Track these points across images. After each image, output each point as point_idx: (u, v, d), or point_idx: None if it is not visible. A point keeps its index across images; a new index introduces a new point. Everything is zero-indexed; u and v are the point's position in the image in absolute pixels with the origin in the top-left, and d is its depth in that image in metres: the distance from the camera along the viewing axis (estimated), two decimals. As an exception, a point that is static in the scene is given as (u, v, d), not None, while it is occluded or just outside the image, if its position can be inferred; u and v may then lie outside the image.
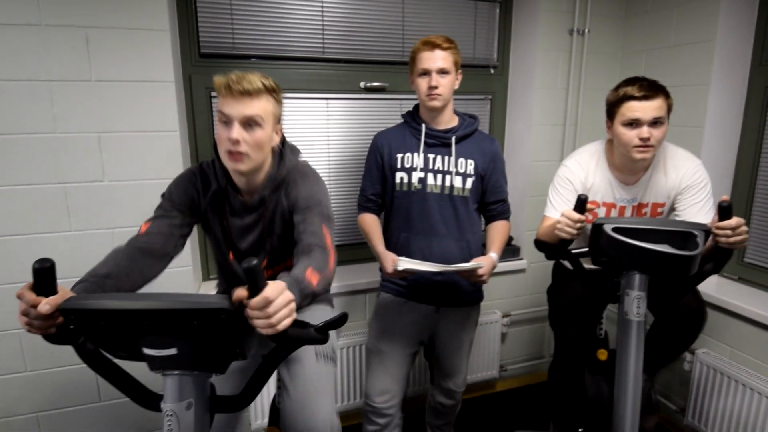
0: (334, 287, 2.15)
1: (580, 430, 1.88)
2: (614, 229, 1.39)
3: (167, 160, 1.80)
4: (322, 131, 2.22)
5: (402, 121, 1.82)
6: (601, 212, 1.77)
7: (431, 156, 1.73)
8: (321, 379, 1.36)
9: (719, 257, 1.44)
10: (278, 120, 1.32)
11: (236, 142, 1.19)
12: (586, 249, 1.58)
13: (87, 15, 1.63)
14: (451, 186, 1.73)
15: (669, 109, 1.58)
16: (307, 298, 1.04)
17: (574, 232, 1.48)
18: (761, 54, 2.02)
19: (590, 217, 1.71)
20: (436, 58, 1.63)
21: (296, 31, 2.09)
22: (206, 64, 1.98)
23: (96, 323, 0.80)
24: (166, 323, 0.80)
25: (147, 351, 0.83)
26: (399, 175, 1.74)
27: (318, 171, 1.43)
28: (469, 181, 1.74)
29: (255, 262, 0.75)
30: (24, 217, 1.69)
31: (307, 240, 1.20)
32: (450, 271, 1.61)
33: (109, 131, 1.72)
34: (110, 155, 1.74)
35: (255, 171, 1.29)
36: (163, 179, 1.76)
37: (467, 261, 1.69)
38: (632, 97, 1.55)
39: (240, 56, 2.03)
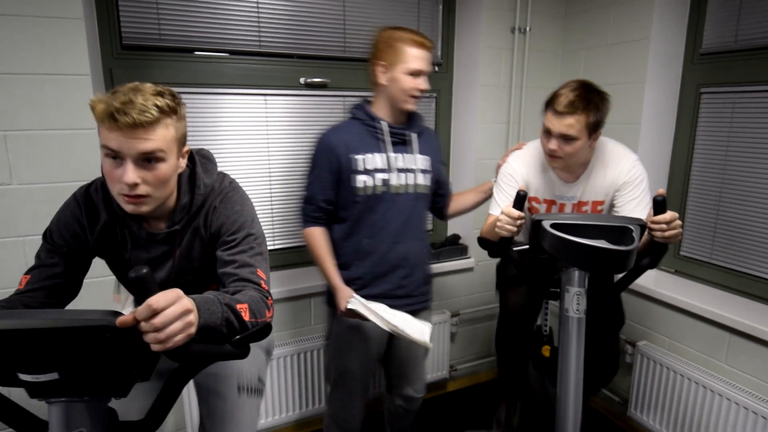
0: (276, 293, 2.05)
1: None
2: (553, 225, 1.37)
3: (86, 160, 1.65)
4: (261, 129, 2.11)
5: (350, 117, 1.67)
6: (542, 209, 1.76)
7: (392, 155, 1.63)
8: (243, 417, 1.26)
9: (655, 252, 1.45)
10: (184, 142, 1.05)
11: (133, 186, 0.94)
12: (527, 246, 1.57)
13: (-14, 0, 1.47)
14: (415, 184, 1.68)
15: (593, 125, 1.53)
16: (230, 325, 0.87)
17: (514, 229, 1.46)
18: (693, 52, 2.08)
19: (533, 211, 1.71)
20: (428, 61, 1.59)
21: (229, 22, 1.97)
22: (129, 57, 1.84)
23: None
24: (41, 344, 0.68)
25: (23, 377, 0.72)
26: (360, 178, 1.59)
27: (258, 170, 1.28)
28: (428, 177, 1.71)
29: (145, 270, 0.66)
30: None
31: (239, 287, 1.02)
32: (395, 329, 1.53)
33: (16, 129, 1.56)
34: (18, 156, 1.57)
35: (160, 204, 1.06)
36: (83, 181, 1.59)
37: (426, 259, 1.77)
38: (552, 109, 1.55)
39: (167, 49, 1.90)
